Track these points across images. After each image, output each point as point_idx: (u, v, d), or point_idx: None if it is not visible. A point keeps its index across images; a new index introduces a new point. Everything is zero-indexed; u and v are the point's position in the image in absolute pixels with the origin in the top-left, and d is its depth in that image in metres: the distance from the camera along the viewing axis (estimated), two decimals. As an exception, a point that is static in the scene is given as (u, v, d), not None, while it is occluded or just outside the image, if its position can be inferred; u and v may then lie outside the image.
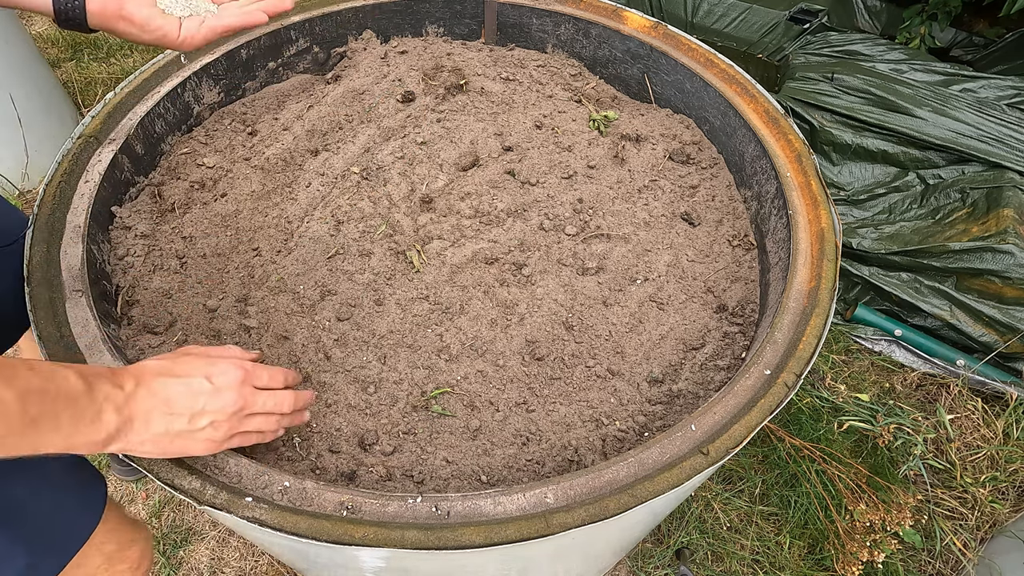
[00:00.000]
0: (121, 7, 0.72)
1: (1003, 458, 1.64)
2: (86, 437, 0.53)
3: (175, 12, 0.76)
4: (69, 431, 0.52)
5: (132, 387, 0.57)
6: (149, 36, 0.74)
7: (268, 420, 0.66)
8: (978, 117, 1.89)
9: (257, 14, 0.79)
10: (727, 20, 2.53)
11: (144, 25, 0.73)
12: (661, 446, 0.71)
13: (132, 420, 0.56)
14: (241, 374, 0.64)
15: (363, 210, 1.04)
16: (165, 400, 0.58)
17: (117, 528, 0.85)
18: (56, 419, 0.50)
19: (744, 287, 1.01)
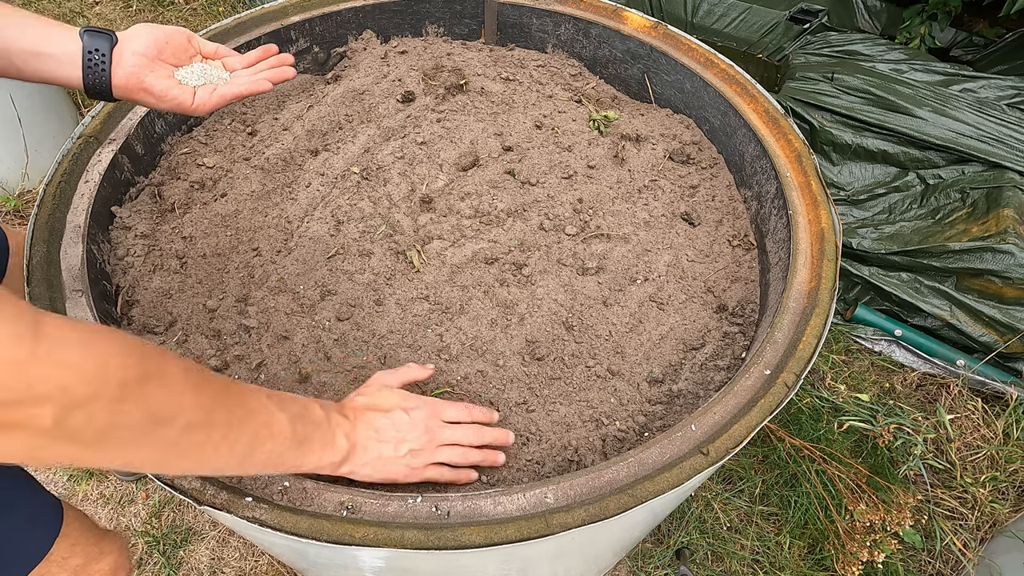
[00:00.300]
0: (141, 81, 0.78)
1: (1003, 458, 1.64)
2: (329, 459, 0.64)
3: (191, 82, 0.82)
4: (319, 452, 0.62)
5: (353, 418, 0.67)
6: (166, 104, 0.80)
7: (454, 452, 0.72)
8: (978, 117, 1.89)
9: (263, 82, 0.85)
10: (727, 20, 2.53)
11: (162, 96, 0.80)
12: (661, 446, 0.71)
13: (355, 446, 0.66)
14: (430, 408, 0.73)
15: (363, 210, 1.05)
16: (376, 430, 0.68)
17: (81, 542, 0.85)
18: (312, 442, 0.61)
19: (744, 287, 1.01)
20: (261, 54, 0.89)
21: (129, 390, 0.42)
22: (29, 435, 0.39)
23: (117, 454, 0.45)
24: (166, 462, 0.50)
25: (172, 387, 0.46)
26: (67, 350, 0.39)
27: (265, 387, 0.61)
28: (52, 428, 0.39)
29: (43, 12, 3.01)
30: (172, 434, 0.47)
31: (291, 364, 0.87)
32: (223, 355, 0.86)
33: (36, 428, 0.39)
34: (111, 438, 0.43)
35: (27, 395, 0.38)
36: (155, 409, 0.45)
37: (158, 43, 0.80)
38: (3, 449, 0.39)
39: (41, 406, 0.38)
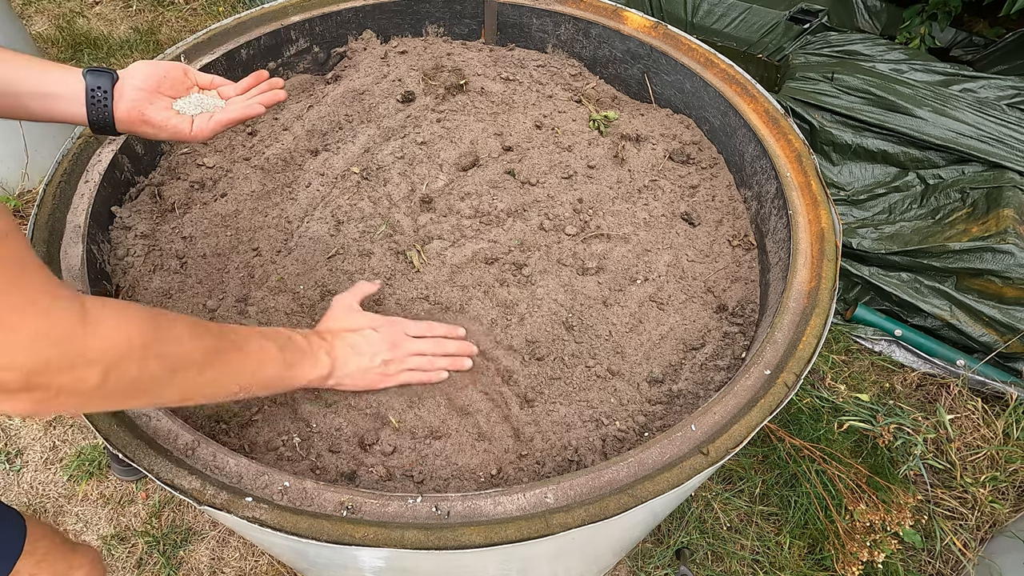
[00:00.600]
0: (142, 114, 0.84)
1: (1003, 458, 1.64)
2: (317, 373, 0.75)
3: (188, 111, 0.88)
4: (308, 370, 0.74)
5: (330, 339, 0.79)
6: (166, 134, 0.86)
7: (422, 360, 0.85)
8: (978, 117, 1.89)
9: (256, 107, 0.90)
10: (727, 20, 2.53)
11: (162, 126, 0.85)
12: (661, 446, 0.71)
13: (336, 361, 0.78)
14: (396, 325, 0.86)
15: (363, 210, 1.05)
16: (351, 346, 0.80)
17: (49, 559, 0.86)
18: (300, 364, 0.73)
19: (744, 287, 1.01)
20: (253, 81, 0.95)
21: (150, 348, 0.55)
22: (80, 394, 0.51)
23: (148, 397, 0.58)
24: (189, 398, 0.63)
25: (182, 342, 0.59)
26: (105, 324, 0.51)
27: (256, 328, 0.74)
28: (98, 385, 0.51)
29: (43, 12, 3.01)
30: (190, 377, 0.60)
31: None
32: (223, 355, 0.86)
33: (86, 387, 0.51)
34: (140, 388, 0.56)
35: (81, 361, 0.50)
36: (172, 361, 0.58)
37: (156, 77, 0.85)
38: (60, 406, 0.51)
39: (91, 368, 0.50)
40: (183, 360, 0.59)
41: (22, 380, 0.47)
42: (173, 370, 0.58)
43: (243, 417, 0.81)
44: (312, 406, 0.83)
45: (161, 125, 0.85)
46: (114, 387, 0.53)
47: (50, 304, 0.48)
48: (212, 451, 0.69)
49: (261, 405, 0.83)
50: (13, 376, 0.46)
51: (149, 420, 0.72)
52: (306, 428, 0.81)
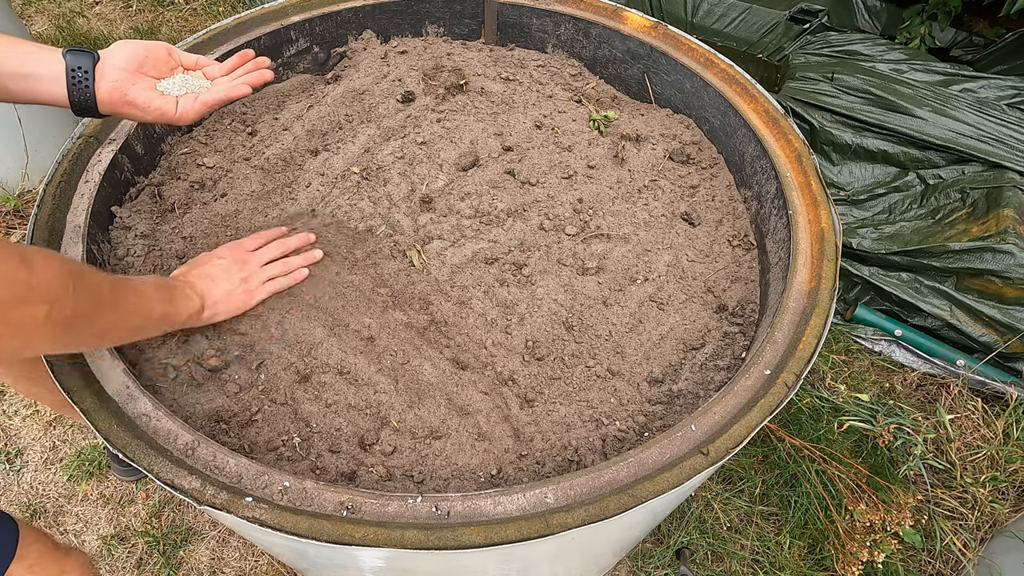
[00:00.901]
0: (124, 94, 0.82)
1: (1003, 458, 1.64)
2: (192, 308, 0.80)
3: (173, 92, 0.86)
4: (184, 306, 0.78)
5: (186, 278, 0.83)
6: (151, 115, 0.85)
7: (275, 266, 0.90)
8: (978, 117, 1.89)
9: (242, 87, 0.90)
10: (727, 20, 2.53)
11: (146, 107, 0.84)
12: (661, 446, 0.71)
13: (202, 294, 0.82)
14: (233, 247, 0.91)
15: (363, 210, 1.05)
16: (210, 277, 0.84)
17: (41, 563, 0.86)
18: (175, 301, 0.78)
19: (744, 287, 1.01)
20: (239, 60, 0.93)
21: (77, 288, 0.60)
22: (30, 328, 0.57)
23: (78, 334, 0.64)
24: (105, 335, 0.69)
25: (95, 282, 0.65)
26: (41, 266, 0.57)
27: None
28: (44, 320, 0.57)
29: (43, 12, 3.01)
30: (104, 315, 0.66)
31: (290, 364, 0.87)
32: (223, 355, 0.86)
33: (35, 321, 0.57)
34: (73, 325, 0.62)
35: (31, 298, 0.56)
36: (91, 298, 0.63)
37: (138, 57, 0.84)
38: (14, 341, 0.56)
39: (39, 305, 0.57)
40: (98, 298, 0.65)
41: None
42: (94, 306, 0.64)
43: (243, 417, 0.81)
44: (313, 406, 0.83)
45: (144, 106, 0.83)
46: (56, 322, 0.58)
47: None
48: (212, 451, 0.69)
49: (261, 405, 0.83)
50: None
51: (149, 420, 0.72)
52: (306, 428, 0.81)
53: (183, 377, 0.83)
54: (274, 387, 0.84)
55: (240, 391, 0.83)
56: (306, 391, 0.85)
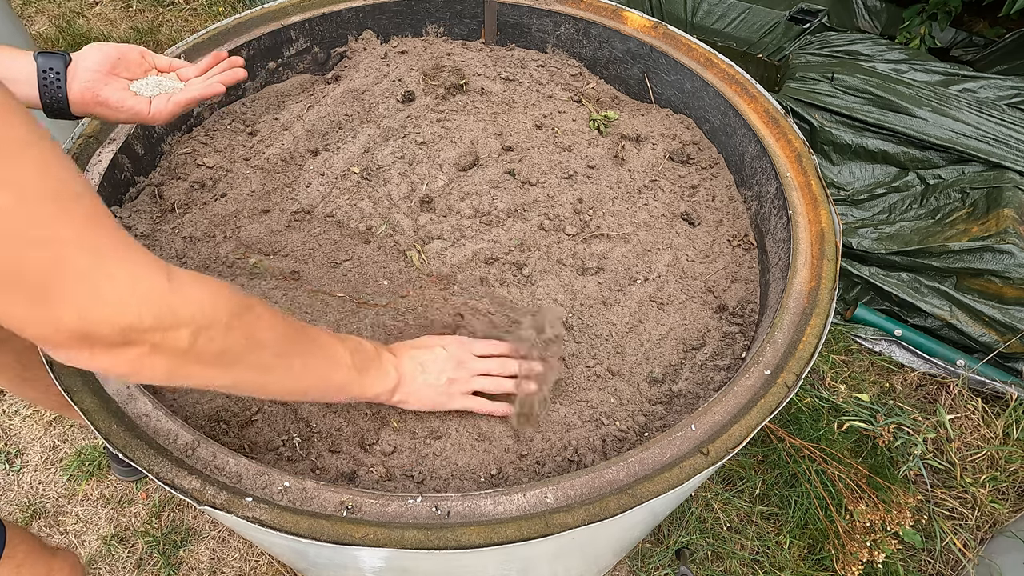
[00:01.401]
0: (96, 95, 0.82)
1: (1003, 458, 1.64)
2: (383, 386, 0.74)
3: (146, 93, 0.86)
4: (375, 380, 0.73)
5: (399, 354, 0.78)
6: (124, 116, 0.85)
7: (487, 381, 0.82)
8: (978, 117, 1.89)
9: (216, 86, 0.89)
10: (727, 20, 2.53)
11: (118, 107, 0.84)
12: (661, 446, 0.71)
13: (403, 376, 0.76)
14: (462, 343, 0.83)
15: (363, 210, 1.05)
16: (420, 363, 0.78)
17: (28, 563, 0.86)
18: (368, 371, 0.72)
19: (744, 287, 1.01)
20: (212, 60, 0.94)
21: (235, 319, 0.55)
22: (171, 355, 0.51)
23: (229, 373, 0.57)
24: (265, 384, 0.62)
25: (263, 319, 0.59)
26: (191, 287, 0.51)
27: None
28: (187, 349, 0.51)
29: (43, 12, 3.01)
30: (266, 357, 0.59)
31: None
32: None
33: (176, 349, 0.51)
34: (224, 359, 0.55)
35: (172, 320, 0.49)
36: (253, 334, 0.57)
37: (111, 59, 0.84)
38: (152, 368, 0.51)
39: (181, 329, 0.50)
40: (263, 339, 0.59)
41: (119, 334, 0.47)
42: (253, 347, 0.57)
43: (243, 417, 0.81)
44: (313, 406, 0.83)
45: (117, 106, 0.84)
46: (200, 352, 0.52)
47: (138, 260, 0.48)
48: (212, 451, 0.69)
49: (261, 405, 0.83)
50: (110, 331, 0.46)
51: (149, 420, 0.72)
52: (306, 428, 0.81)
53: (183, 377, 0.83)
54: (274, 387, 0.84)
55: (240, 391, 0.83)
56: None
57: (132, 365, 0.49)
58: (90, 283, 0.45)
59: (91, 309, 0.45)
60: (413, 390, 0.77)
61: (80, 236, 0.44)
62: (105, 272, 0.45)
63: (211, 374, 0.56)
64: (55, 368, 0.73)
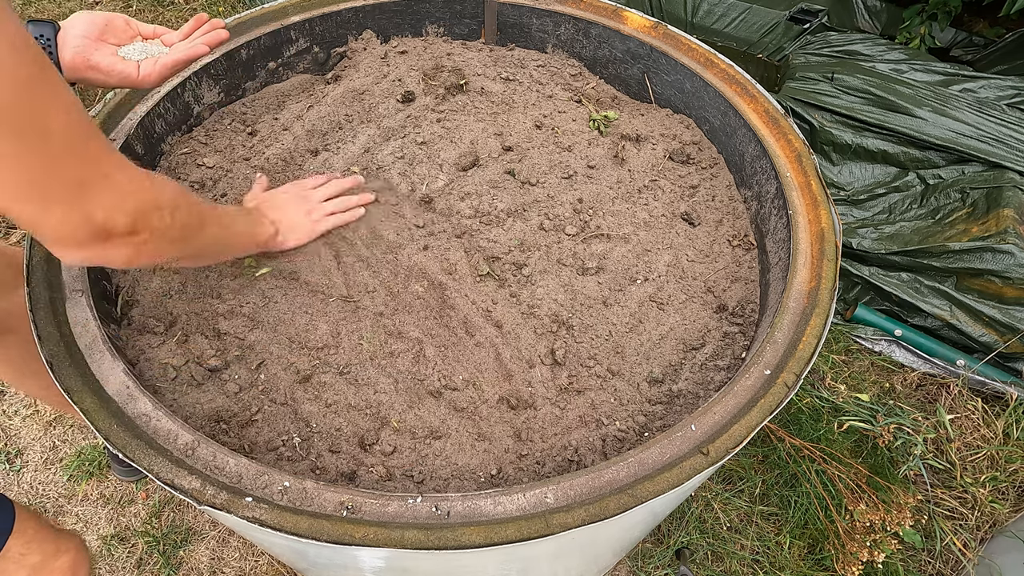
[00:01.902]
0: (88, 60, 0.86)
1: (1003, 458, 1.64)
2: (269, 231, 0.89)
3: (133, 57, 0.91)
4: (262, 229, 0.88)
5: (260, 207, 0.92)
6: (114, 79, 0.89)
7: (336, 202, 0.99)
8: (978, 117, 1.89)
9: (200, 47, 0.93)
10: (727, 20, 2.53)
11: (109, 71, 0.88)
12: (661, 446, 0.71)
13: (276, 221, 0.91)
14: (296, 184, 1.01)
15: (363, 210, 1.04)
16: (278, 207, 0.94)
17: (38, 540, 0.87)
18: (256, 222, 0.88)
19: (744, 287, 1.01)
20: (194, 24, 0.98)
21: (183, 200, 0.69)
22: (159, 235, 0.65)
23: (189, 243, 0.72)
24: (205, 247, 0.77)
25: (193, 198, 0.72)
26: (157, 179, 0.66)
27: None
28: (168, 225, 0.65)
29: (43, 12, 3.01)
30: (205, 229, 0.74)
31: (290, 364, 0.87)
32: (223, 355, 0.86)
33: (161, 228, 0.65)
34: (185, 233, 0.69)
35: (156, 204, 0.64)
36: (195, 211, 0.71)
37: (98, 26, 0.88)
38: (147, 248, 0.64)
39: (163, 211, 0.65)
40: (199, 211, 0.72)
41: (129, 222, 0.60)
42: (198, 220, 0.71)
43: (243, 417, 0.81)
44: (313, 406, 0.83)
45: (107, 70, 0.87)
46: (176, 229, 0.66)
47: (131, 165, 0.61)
48: (212, 451, 0.69)
49: (261, 405, 0.83)
50: (123, 219, 0.59)
51: (149, 420, 0.72)
52: (306, 428, 0.81)
53: (183, 377, 0.83)
54: (274, 387, 0.84)
55: (240, 391, 0.83)
56: (306, 391, 0.85)
57: (134, 250, 0.63)
58: (113, 183, 0.57)
59: (115, 203, 0.58)
60: (287, 227, 0.92)
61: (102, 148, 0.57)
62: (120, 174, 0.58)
63: (181, 247, 0.71)
64: (54, 368, 0.73)
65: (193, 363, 0.84)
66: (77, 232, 0.56)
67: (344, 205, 0.99)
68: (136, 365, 0.83)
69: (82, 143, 0.55)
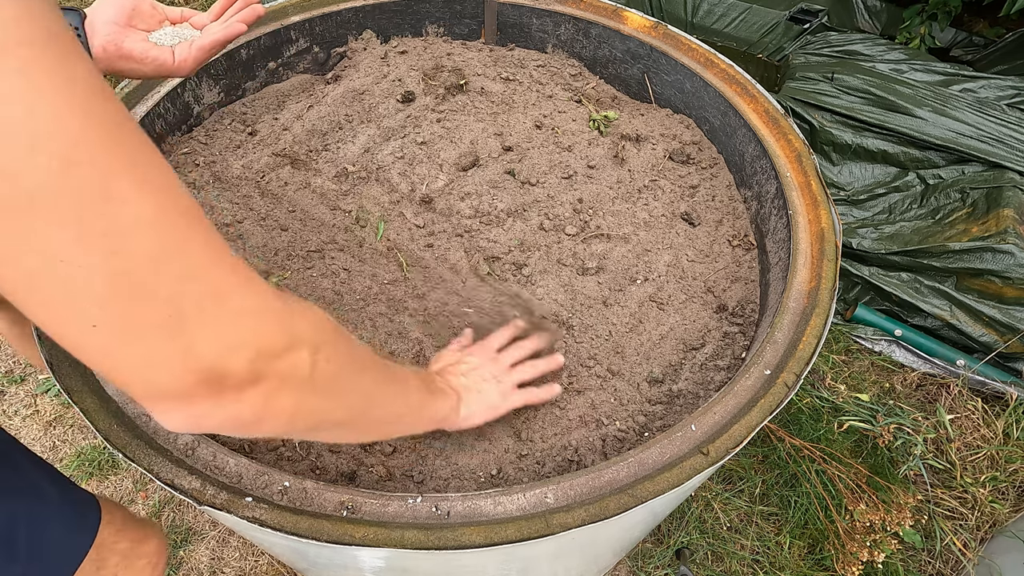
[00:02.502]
0: (120, 47, 0.80)
1: (1003, 458, 1.64)
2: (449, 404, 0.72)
3: (165, 42, 0.84)
4: (442, 402, 0.70)
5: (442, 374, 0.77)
6: (149, 67, 0.82)
7: (524, 371, 0.82)
8: (978, 117, 1.89)
9: (237, 25, 0.86)
10: (727, 20, 2.53)
11: (143, 58, 0.81)
12: (661, 446, 0.71)
13: (458, 392, 0.74)
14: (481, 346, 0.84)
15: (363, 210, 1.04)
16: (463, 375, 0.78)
17: (125, 527, 0.87)
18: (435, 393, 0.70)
19: (744, 287, 1.01)
20: (226, 2, 0.91)
21: (337, 335, 0.49)
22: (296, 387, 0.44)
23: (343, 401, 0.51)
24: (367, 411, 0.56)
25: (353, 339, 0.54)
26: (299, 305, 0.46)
27: None
28: (309, 374, 0.45)
29: None
30: (367, 383, 0.54)
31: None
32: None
33: (301, 377, 0.44)
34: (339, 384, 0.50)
35: (294, 340, 0.43)
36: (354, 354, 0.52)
37: (126, 11, 0.81)
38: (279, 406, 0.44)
39: (302, 349, 0.44)
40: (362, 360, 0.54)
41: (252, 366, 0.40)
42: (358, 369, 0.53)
43: (243, 417, 0.81)
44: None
45: (141, 57, 0.80)
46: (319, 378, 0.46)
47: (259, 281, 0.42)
48: (212, 451, 0.69)
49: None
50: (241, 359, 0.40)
51: (149, 420, 0.72)
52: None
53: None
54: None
55: (240, 391, 0.83)
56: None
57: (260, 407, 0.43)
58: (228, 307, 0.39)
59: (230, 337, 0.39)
60: (473, 403, 0.75)
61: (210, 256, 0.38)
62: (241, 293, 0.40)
63: (329, 406, 0.50)
64: (54, 368, 0.73)
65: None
66: (174, 379, 0.38)
67: (534, 372, 0.83)
68: (136, 365, 0.83)
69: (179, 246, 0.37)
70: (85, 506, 0.83)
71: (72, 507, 0.81)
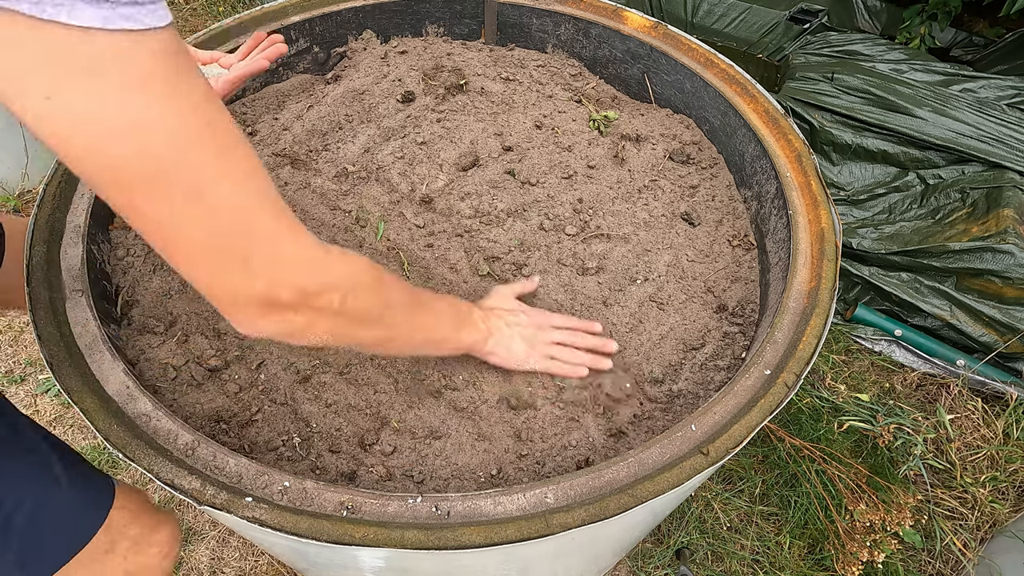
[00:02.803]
0: None
1: (1003, 458, 1.64)
2: (474, 336, 0.81)
3: None
4: (469, 332, 0.81)
5: (486, 312, 0.85)
6: None
7: (563, 350, 0.87)
8: (978, 117, 1.89)
9: (261, 61, 0.95)
10: (727, 20, 2.53)
11: None
12: (661, 446, 0.71)
13: (491, 330, 0.84)
14: (542, 314, 0.91)
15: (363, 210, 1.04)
16: (506, 322, 0.85)
17: (139, 513, 0.88)
18: (464, 324, 0.81)
19: (744, 287, 1.01)
20: (253, 43, 0.99)
21: (373, 283, 0.64)
22: (328, 316, 0.59)
23: (370, 330, 0.66)
24: (393, 337, 0.70)
25: (391, 284, 0.68)
26: (340, 257, 0.60)
27: None
28: (339, 308, 0.59)
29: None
30: (394, 316, 0.68)
31: (290, 364, 0.87)
32: (223, 355, 0.86)
33: (331, 310, 0.59)
34: (366, 317, 0.64)
35: (327, 284, 0.58)
36: (385, 297, 0.66)
37: None
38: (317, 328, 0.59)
39: (333, 292, 0.58)
40: (392, 300, 0.67)
41: (295, 298, 0.55)
42: (385, 308, 0.66)
43: (243, 417, 0.81)
44: (313, 406, 0.83)
45: None
46: (349, 313, 0.60)
47: (307, 235, 0.56)
48: (212, 451, 0.69)
49: (261, 405, 0.83)
50: (289, 295, 0.55)
51: (149, 420, 0.72)
52: (306, 428, 0.81)
53: (183, 377, 0.83)
54: (274, 387, 0.84)
55: (240, 391, 0.83)
56: (306, 391, 0.85)
57: (303, 325, 0.58)
58: (279, 254, 0.53)
59: (279, 276, 0.54)
60: (498, 342, 0.84)
61: (269, 214, 0.52)
62: (290, 245, 0.54)
63: (358, 331, 0.65)
64: (55, 368, 0.73)
65: (193, 363, 0.84)
66: (244, 299, 0.53)
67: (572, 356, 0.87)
68: (136, 365, 0.83)
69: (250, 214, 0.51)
70: (96, 489, 0.84)
71: (80, 489, 0.81)
